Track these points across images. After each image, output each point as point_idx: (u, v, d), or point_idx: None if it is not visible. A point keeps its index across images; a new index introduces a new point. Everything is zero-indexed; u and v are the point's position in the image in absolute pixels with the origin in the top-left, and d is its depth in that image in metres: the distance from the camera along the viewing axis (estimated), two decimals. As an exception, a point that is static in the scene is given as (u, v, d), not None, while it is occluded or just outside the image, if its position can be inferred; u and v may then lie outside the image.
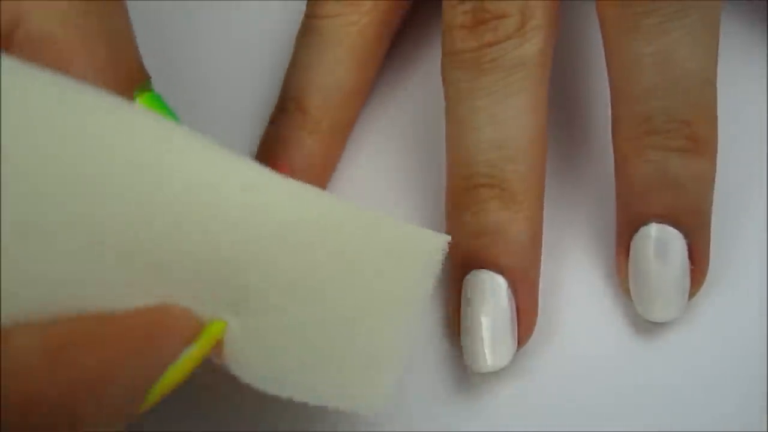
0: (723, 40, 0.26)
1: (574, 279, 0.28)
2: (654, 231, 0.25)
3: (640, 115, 0.25)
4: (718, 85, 0.26)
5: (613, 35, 0.26)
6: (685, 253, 0.25)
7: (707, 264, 0.26)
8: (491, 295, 0.25)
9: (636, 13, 0.25)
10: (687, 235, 0.25)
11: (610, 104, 0.27)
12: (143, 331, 0.18)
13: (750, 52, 0.30)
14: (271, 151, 0.29)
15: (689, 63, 0.25)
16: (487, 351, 0.25)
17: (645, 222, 0.26)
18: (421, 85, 0.31)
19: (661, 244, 0.25)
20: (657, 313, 0.26)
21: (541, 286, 0.27)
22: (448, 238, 0.22)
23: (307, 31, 0.29)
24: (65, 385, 0.17)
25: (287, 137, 0.29)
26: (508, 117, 0.26)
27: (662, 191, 0.25)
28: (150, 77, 0.22)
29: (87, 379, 0.17)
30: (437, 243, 0.22)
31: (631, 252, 0.26)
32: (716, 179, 0.26)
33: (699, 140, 0.25)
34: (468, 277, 0.26)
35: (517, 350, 0.26)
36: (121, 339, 0.18)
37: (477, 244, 0.26)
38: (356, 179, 0.30)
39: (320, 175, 0.29)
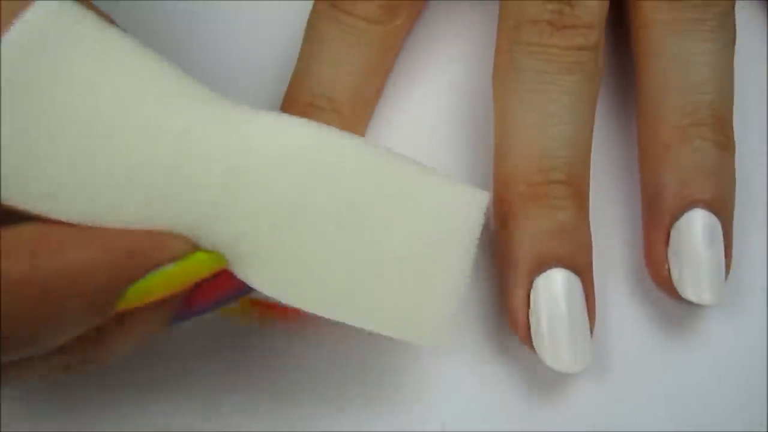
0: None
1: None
2: (704, 215, 0.26)
3: (687, 105, 0.27)
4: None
5: (663, 36, 0.27)
6: (722, 241, 0.26)
7: (731, 257, 0.26)
8: (574, 295, 0.25)
9: (690, 19, 0.27)
10: (721, 225, 0.26)
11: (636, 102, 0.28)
12: (128, 240, 0.20)
13: (750, 52, 0.31)
14: None
15: (725, 72, 0.27)
16: (578, 352, 0.25)
17: (690, 207, 0.26)
18: (423, 87, 0.31)
19: (709, 228, 0.26)
20: (707, 295, 0.26)
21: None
22: (489, 195, 0.22)
23: (341, 27, 0.28)
24: (48, 272, 0.19)
25: None
26: (584, 120, 0.27)
27: (707, 178, 0.26)
28: None
29: (68, 269, 0.19)
30: (481, 199, 0.22)
31: (675, 236, 0.26)
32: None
33: (729, 140, 0.27)
34: (547, 274, 0.25)
35: None
36: (106, 242, 0.20)
37: (556, 240, 0.25)
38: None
39: None
